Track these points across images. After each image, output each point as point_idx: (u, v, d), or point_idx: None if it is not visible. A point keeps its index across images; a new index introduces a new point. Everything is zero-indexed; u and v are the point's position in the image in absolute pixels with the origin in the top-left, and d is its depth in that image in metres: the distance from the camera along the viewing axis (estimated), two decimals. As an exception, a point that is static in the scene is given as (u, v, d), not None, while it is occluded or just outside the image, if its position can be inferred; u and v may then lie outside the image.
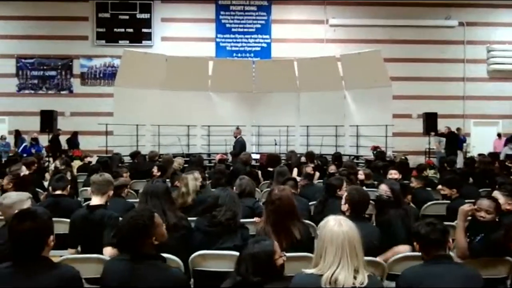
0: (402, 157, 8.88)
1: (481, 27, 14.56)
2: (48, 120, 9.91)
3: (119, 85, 11.11)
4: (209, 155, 11.75)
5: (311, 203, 4.52)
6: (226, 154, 9.69)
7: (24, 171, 5.31)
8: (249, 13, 14.54)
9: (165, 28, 14.38)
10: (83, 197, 5.44)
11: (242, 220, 3.22)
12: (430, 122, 10.76)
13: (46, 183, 5.91)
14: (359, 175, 6.05)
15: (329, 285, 1.89)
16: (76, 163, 8.46)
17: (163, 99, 11.41)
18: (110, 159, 7.34)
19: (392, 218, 3.39)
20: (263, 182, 6.56)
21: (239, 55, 14.40)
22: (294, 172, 6.76)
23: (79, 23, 14.20)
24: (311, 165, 6.85)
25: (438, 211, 4.50)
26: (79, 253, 3.30)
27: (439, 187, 6.03)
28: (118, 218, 3.21)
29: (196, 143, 12.16)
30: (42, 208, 2.40)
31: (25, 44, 14.05)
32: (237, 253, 2.67)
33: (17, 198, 2.97)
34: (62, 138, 12.15)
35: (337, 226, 1.99)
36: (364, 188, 5.58)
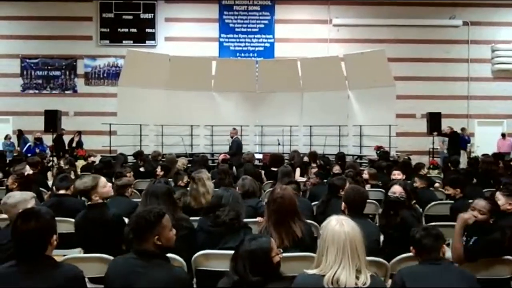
0: (406, 157, 8.85)
1: (485, 26, 14.48)
2: (52, 120, 9.93)
3: (123, 85, 11.13)
4: (212, 155, 11.76)
5: (313, 203, 4.52)
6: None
7: (28, 170, 5.33)
8: (252, 13, 14.54)
9: (168, 28, 14.40)
10: (86, 197, 5.44)
11: (245, 220, 3.22)
12: (434, 122, 10.69)
13: (49, 183, 5.95)
14: (364, 174, 6.06)
15: (331, 285, 1.89)
16: (80, 163, 8.48)
17: (166, 99, 11.43)
18: (114, 159, 7.37)
19: (409, 219, 3.35)
20: (266, 182, 6.56)
21: (242, 55, 14.40)
22: (297, 172, 6.76)
23: (83, 23, 14.26)
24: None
25: (442, 211, 4.49)
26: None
27: (436, 185, 6.05)
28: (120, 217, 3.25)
29: (199, 143, 12.18)
30: (45, 208, 2.40)
31: (30, 44, 14.12)
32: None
33: (21, 198, 2.99)
34: (65, 138, 12.21)
35: (339, 226, 1.98)
36: (368, 187, 5.61)
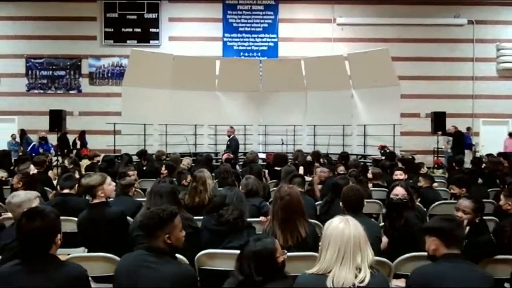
0: (409, 157, 8.81)
1: (490, 25, 14.39)
2: (57, 119, 9.95)
3: (127, 84, 11.15)
4: (216, 154, 11.76)
5: (317, 203, 4.52)
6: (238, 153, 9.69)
7: (33, 170, 5.35)
8: (256, 12, 14.53)
9: (172, 28, 14.42)
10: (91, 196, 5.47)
11: (248, 220, 3.22)
12: (438, 121, 10.62)
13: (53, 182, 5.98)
14: (368, 174, 6.07)
15: (332, 284, 1.88)
16: (84, 162, 8.51)
17: (170, 99, 11.44)
18: (119, 159, 7.40)
19: (413, 220, 3.31)
20: (270, 181, 6.56)
21: (246, 54, 14.39)
22: (300, 171, 6.76)
23: (87, 23, 14.31)
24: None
25: (446, 210, 4.46)
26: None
27: (434, 184, 6.00)
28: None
29: (203, 142, 12.19)
30: (50, 207, 2.42)
31: (34, 44, 14.19)
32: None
33: (25, 197, 3.01)
34: (69, 137, 12.26)
35: (340, 224, 1.97)
36: (370, 186, 5.60)
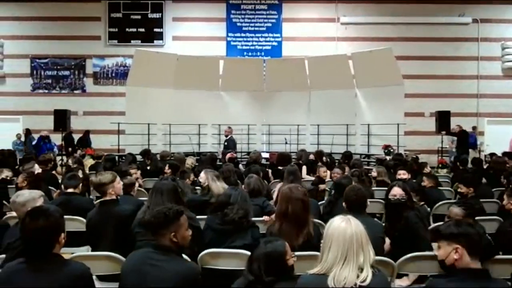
0: (414, 156, 8.78)
1: (495, 24, 14.30)
2: (61, 119, 10.00)
3: (131, 84, 11.19)
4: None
5: (320, 202, 4.53)
6: (236, 153, 9.70)
7: (37, 169, 5.37)
8: (260, 12, 14.52)
9: (176, 28, 14.45)
10: (95, 195, 5.50)
11: (252, 219, 3.22)
12: (443, 120, 10.58)
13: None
14: (373, 172, 6.11)
15: (333, 284, 1.87)
16: (89, 162, 8.54)
17: (174, 98, 11.45)
18: (123, 159, 7.42)
19: (413, 219, 3.29)
20: (273, 181, 6.56)
21: (250, 54, 14.39)
22: (304, 170, 6.77)
23: (91, 23, 14.37)
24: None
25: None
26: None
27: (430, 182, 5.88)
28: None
29: (206, 141, 12.20)
30: (54, 206, 2.43)
31: (39, 45, 14.26)
32: (246, 252, 2.69)
33: (29, 196, 3.02)
34: (75, 137, 12.33)
35: (344, 223, 1.97)
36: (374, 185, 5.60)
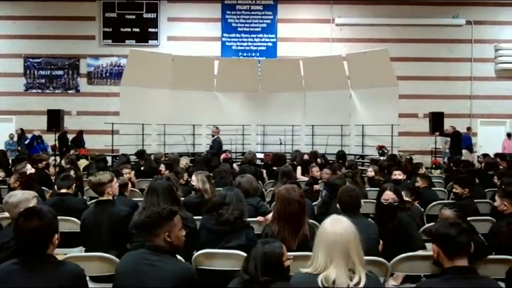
0: (408, 157, 8.84)
1: (489, 25, 14.42)
2: (55, 119, 9.93)
3: (126, 84, 11.14)
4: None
5: (314, 203, 4.53)
6: (230, 153, 9.70)
7: (30, 169, 5.32)
8: (255, 12, 14.53)
9: (171, 28, 14.42)
10: (88, 196, 5.48)
11: (247, 220, 3.22)
12: (436, 121, 10.65)
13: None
14: (369, 172, 6.18)
15: (325, 284, 1.86)
16: (82, 162, 8.50)
17: (169, 99, 11.42)
18: (117, 159, 7.39)
19: (405, 219, 3.31)
20: (267, 181, 6.57)
21: (245, 54, 14.39)
22: (298, 171, 6.78)
23: (86, 23, 14.30)
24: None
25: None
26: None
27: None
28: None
29: (201, 142, 12.18)
30: (47, 207, 2.42)
31: (33, 44, 14.17)
32: (241, 253, 2.69)
33: (22, 197, 2.99)
34: (69, 137, 12.25)
35: (331, 226, 1.96)
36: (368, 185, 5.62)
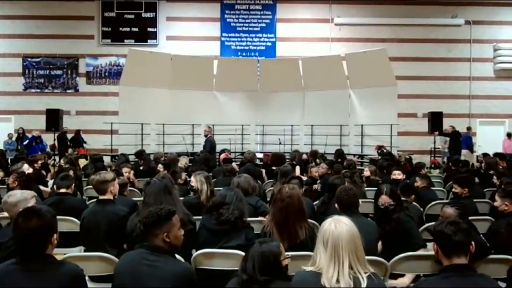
0: (407, 157, 8.84)
1: (487, 25, 14.45)
2: (54, 119, 9.95)
3: (125, 84, 11.12)
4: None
5: (314, 202, 4.52)
6: (229, 153, 9.69)
7: (27, 169, 5.30)
8: (254, 12, 14.53)
9: (170, 27, 14.41)
10: (87, 195, 5.47)
11: (247, 219, 3.21)
12: (435, 121, 10.67)
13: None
14: (365, 171, 6.18)
15: (327, 284, 1.86)
16: (81, 162, 8.49)
17: (168, 98, 11.42)
18: (116, 159, 7.38)
19: (403, 219, 3.29)
20: (267, 181, 6.56)
21: (244, 54, 14.39)
22: (297, 171, 6.77)
23: (85, 22, 14.29)
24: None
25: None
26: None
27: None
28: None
29: (200, 142, 12.15)
30: (46, 207, 2.40)
31: (32, 44, 14.15)
32: (240, 253, 2.68)
33: (21, 197, 2.99)
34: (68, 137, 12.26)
35: (330, 226, 1.96)
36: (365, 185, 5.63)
